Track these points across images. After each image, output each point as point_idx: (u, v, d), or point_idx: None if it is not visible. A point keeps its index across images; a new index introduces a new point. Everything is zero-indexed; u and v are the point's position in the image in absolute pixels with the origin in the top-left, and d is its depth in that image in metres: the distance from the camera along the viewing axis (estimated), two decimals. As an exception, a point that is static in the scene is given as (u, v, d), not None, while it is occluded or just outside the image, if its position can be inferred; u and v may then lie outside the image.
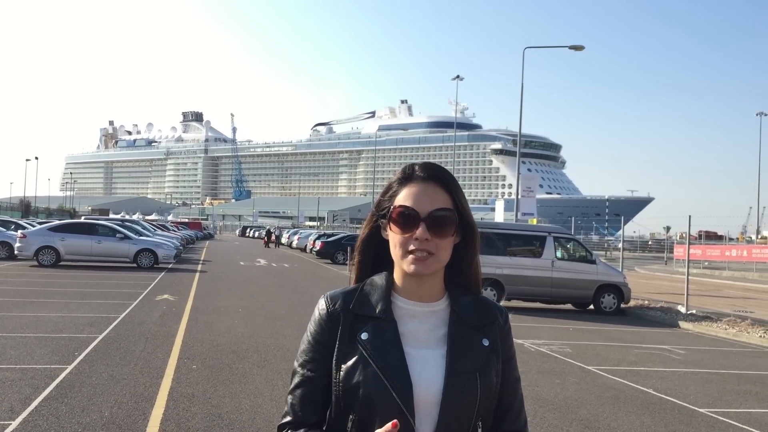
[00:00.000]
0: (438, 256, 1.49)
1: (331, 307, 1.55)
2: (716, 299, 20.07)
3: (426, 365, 1.47)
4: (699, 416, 6.73)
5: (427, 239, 1.47)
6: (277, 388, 6.84)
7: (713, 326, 13.54)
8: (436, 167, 1.56)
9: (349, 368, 1.47)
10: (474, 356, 1.50)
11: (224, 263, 28.63)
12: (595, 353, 10.19)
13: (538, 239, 15.93)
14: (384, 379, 1.43)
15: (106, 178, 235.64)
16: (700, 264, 39.18)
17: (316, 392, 1.53)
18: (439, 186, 1.53)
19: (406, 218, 1.49)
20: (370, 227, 1.60)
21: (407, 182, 1.54)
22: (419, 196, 1.51)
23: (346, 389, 1.47)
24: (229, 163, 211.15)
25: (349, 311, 1.53)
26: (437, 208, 1.49)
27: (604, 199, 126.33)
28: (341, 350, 1.50)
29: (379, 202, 1.58)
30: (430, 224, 1.48)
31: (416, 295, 1.54)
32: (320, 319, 1.55)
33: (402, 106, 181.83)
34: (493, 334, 1.55)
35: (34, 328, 9.72)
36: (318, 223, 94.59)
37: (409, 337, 1.50)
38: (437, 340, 1.51)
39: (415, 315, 1.53)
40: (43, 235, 22.24)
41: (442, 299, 1.57)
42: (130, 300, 13.37)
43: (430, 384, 1.45)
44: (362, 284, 1.58)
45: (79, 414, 5.59)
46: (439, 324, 1.53)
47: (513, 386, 1.59)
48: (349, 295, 1.56)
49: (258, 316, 12.08)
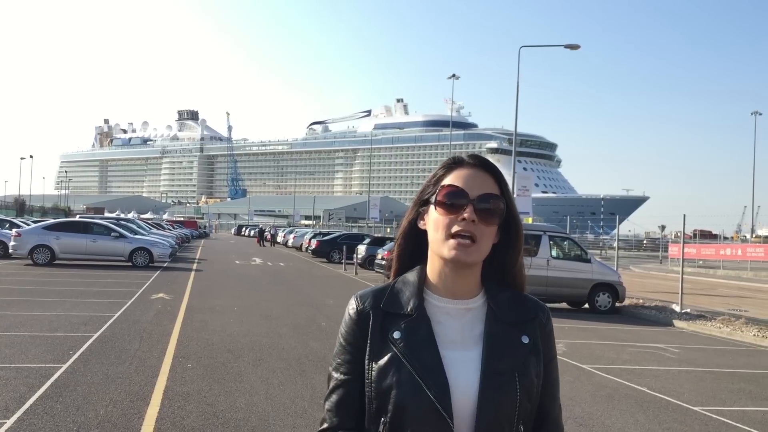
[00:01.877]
0: (479, 246, 1.43)
1: (360, 306, 1.49)
2: (711, 298, 20.12)
3: (462, 366, 1.40)
4: (693, 414, 6.75)
5: (474, 221, 1.42)
6: (273, 386, 6.85)
7: (707, 325, 13.58)
8: (485, 158, 1.52)
9: (382, 368, 1.41)
10: (512, 356, 1.42)
11: (220, 262, 28.60)
12: (589, 352, 10.21)
13: (534, 238, 15.93)
14: (419, 379, 1.37)
15: (101, 177, 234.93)
16: (694, 263, 39.26)
17: (351, 395, 1.46)
18: (489, 174, 1.49)
19: (454, 197, 1.44)
20: (410, 219, 1.55)
21: (456, 167, 1.50)
22: (470, 178, 1.47)
23: (378, 390, 1.41)
24: (224, 161, 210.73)
25: (380, 309, 1.47)
26: (488, 192, 1.45)
27: (599, 198, 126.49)
28: (373, 349, 1.44)
29: (424, 188, 1.53)
30: (479, 207, 1.43)
31: (450, 291, 1.48)
32: (350, 319, 1.50)
33: (398, 105, 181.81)
34: (534, 332, 1.47)
35: (28, 326, 9.70)
36: (313, 221, 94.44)
37: (443, 336, 1.43)
38: (473, 339, 1.45)
39: (449, 313, 1.47)
40: (37, 233, 22.18)
41: (477, 296, 1.50)
42: (125, 299, 13.35)
43: (466, 387, 1.38)
44: (394, 281, 1.53)
45: (74, 413, 5.59)
46: (474, 322, 1.47)
47: (552, 389, 1.51)
48: (380, 293, 1.51)
49: (253, 315, 12.07)
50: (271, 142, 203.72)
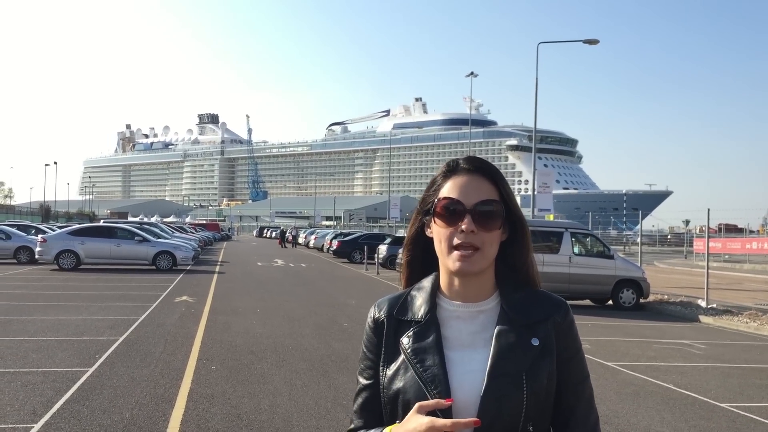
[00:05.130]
0: (484, 252, 1.43)
1: (377, 314, 1.53)
2: (737, 293, 19.84)
3: (468, 369, 1.41)
4: (720, 411, 6.67)
5: (473, 232, 1.41)
6: (296, 387, 6.87)
7: (734, 320, 13.40)
8: (481, 160, 1.51)
9: (391, 374, 1.45)
10: (520, 358, 1.41)
11: (242, 264, 28.77)
12: (614, 349, 10.12)
13: (555, 235, 15.84)
14: (422, 384, 1.39)
15: (124, 182, 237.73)
16: (720, 257, 38.76)
17: (374, 398, 1.50)
18: (485, 178, 1.48)
19: (451, 211, 1.44)
20: (416, 226, 1.55)
21: (452, 175, 1.50)
22: (464, 187, 1.46)
23: (388, 395, 1.45)
24: (245, 164, 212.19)
25: (393, 317, 1.51)
26: (483, 199, 1.45)
27: (621, 193, 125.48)
28: (386, 356, 1.48)
29: (424, 198, 1.53)
30: (476, 216, 1.42)
31: (462, 295, 1.48)
32: (368, 327, 1.55)
33: (416, 104, 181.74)
34: (546, 333, 1.45)
35: (55, 331, 9.83)
36: (334, 222, 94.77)
37: (452, 340, 1.45)
38: (483, 341, 1.44)
39: (460, 317, 1.47)
40: (63, 239, 22.52)
41: (491, 298, 1.50)
42: (150, 302, 13.48)
43: (471, 389, 1.39)
44: (410, 288, 1.55)
45: (100, 416, 5.65)
46: (486, 324, 1.47)
47: (576, 386, 1.49)
48: (395, 300, 1.54)
49: (276, 317, 12.13)
50: (290, 143, 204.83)
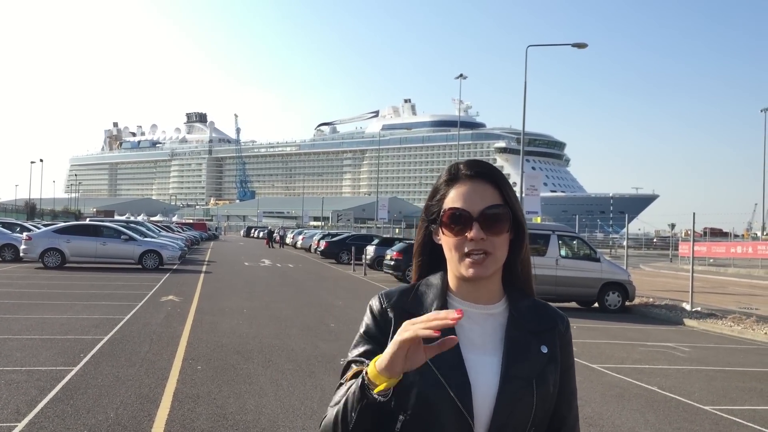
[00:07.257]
0: (495, 256, 1.44)
1: (385, 304, 1.50)
2: (721, 296, 20.01)
3: (482, 369, 1.42)
4: (704, 414, 6.73)
5: (483, 239, 1.42)
6: (282, 388, 6.86)
7: (718, 323, 13.51)
8: (483, 164, 1.51)
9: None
10: (531, 363, 1.44)
11: (229, 264, 28.67)
12: (599, 351, 10.18)
13: (542, 237, 15.90)
14: (441, 377, 1.38)
15: (110, 180, 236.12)
16: (705, 261, 39.06)
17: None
18: (488, 183, 1.48)
19: (458, 220, 1.44)
20: (423, 233, 1.55)
21: (454, 183, 1.49)
22: (469, 195, 1.46)
23: (400, 387, 1.37)
24: (233, 163, 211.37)
25: (403, 310, 1.48)
26: (489, 205, 1.45)
27: (608, 196, 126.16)
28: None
29: (427, 207, 1.53)
30: (484, 223, 1.43)
31: (472, 297, 1.49)
32: (373, 316, 1.51)
33: (405, 106, 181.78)
34: (553, 342, 1.49)
35: (39, 330, 9.76)
36: (322, 222, 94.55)
37: (465, 339, 1.44)
38: (493, 344, 1.46)
39: (471, 317, 1.47)
40: (48, 237, 22.33)
41: (499, 302, 1.51)
42: (135, 301, 13.41)
43: (486, 389, 1.40)
44: (418, 284, 1.54)
45: (84, 415, 5.62)
46: (496, 328, 1.48)
47: (569, 397, 1.53)
48: (405, 293, 1.52)
49: (262, 317, 12.10)
50: (279, 143, 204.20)
